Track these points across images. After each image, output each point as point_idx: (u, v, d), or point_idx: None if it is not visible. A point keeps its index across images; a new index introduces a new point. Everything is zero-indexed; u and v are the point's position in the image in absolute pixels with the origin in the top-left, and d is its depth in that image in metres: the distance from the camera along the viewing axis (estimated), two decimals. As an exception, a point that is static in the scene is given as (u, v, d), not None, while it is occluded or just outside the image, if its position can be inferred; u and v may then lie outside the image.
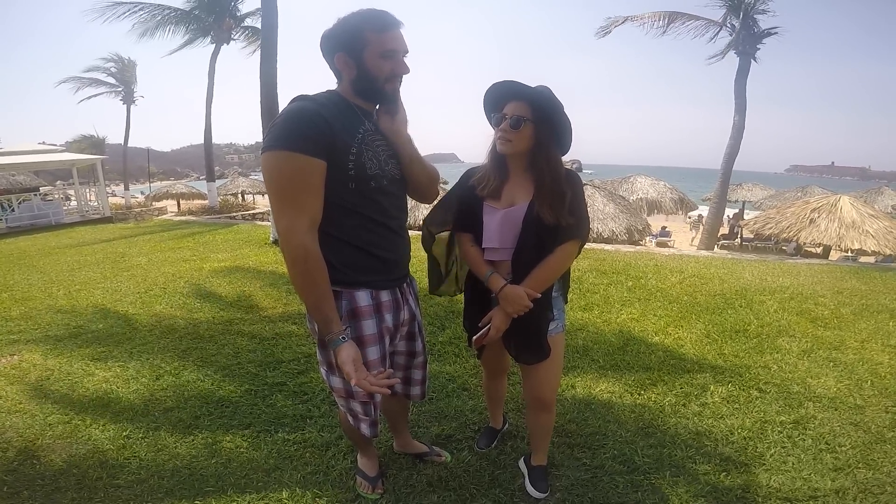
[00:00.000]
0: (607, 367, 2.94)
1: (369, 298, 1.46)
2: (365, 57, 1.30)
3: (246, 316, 3.85)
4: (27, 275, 5.64)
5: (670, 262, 5.90)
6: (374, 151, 1.37)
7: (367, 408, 1.58)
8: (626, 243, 9.52)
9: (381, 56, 1.31)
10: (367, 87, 1.35)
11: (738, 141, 12.17)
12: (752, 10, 11.71)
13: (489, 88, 1.56)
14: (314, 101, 1.31)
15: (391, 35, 1.31)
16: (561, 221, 1.49)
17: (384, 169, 1.40)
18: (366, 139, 1.36)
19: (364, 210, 1.39)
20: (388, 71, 1.33)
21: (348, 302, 1.44)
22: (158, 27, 15.18)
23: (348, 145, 1.31)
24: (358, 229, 1.40)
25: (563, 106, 1.49)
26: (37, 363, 3.03)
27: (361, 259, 1.43)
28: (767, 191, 17.93)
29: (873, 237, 7.94)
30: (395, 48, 1.32)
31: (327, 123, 1.27)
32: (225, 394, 2.62)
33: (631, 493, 1.88)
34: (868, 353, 3.15)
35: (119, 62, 23.21)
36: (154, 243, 7.68)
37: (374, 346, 1.49)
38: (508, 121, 1.49)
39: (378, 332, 1.49)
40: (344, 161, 1.31)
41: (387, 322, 1.51)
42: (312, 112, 1.27)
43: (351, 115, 1.35)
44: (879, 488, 1.91)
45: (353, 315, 1.44)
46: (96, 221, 11.98)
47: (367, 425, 1.61)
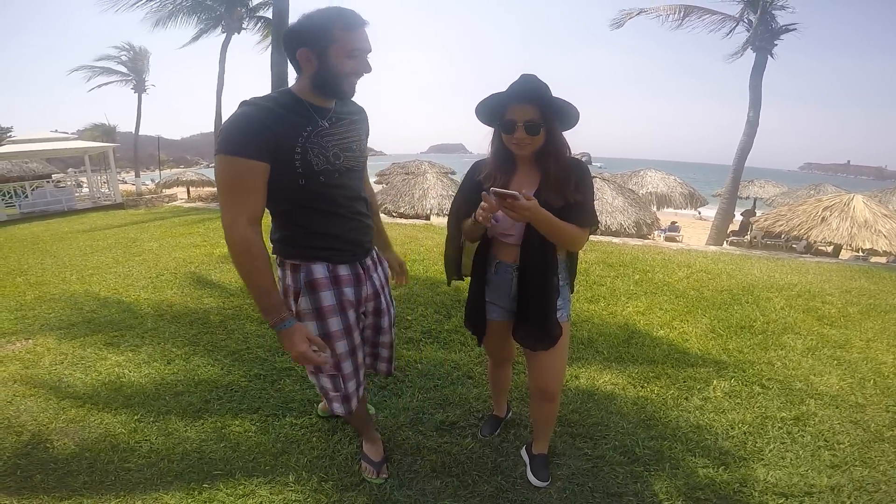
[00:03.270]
0: (611, 358, 2.96)
1: (325, 271, 1.55)
2: (330, 53, 1.34)
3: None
4: (41, 259, 5.74)
5: (678, 256, 5.88)
6: (321, 147, 1.42)
7: (335, 381, 1.67)
8: (633, 237, 9.48)
9: (347, 55, 1.35)
10: (326, 82, 1.39)
11: (751, 137, 12.00)
12: (770, 5, 11.48)
13: (482, 102, 1.54)
14: (256, 106, 1.34)
15: (358, 34, 1.35)
16: (569, 198, 1.50)
17: (333, 163, 1.45)
18: (312, 137, 1.40)
19: (316, 204, 1.48)
20: (351, 69, 1.37)
21: (306, 274, 1.54)
22: (171, 17, 15.24)
23: (292, 145, 1.37)
24: (312, 218, 1.50)
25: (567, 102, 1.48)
26: (50, 347, 3.10)
27: (317, 240, 1.52)
28: (779, 188, 17.69)
29: (885, 237, 7.83)
30: (361, 47, 1.37)
31: (267, 128, 1.32)
32: (234, 378, 2.67)
33: (630, 484, 1.91)
34: (873, 353, 3.14)
35: (131, 51, 23.34)
36: (165, 229, 7.77)
37: (333, 317, 1.57)
38: (523, 127, 1.47)
39: (337, 304, 1.57)
40: (290, 160, 1.37)
41: (346, 295, 1.59)
42: (252, 117, 1.32)
43: (299, 114, 1.40)
44: (874, 486, 1.93)
45: (311, 287, 1.54)
46: (108, 208, 12.14)
47: (339, 402, 1.70)
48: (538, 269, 1.59)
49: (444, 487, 1.88)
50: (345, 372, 1.66)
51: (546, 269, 1.59)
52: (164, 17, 15.23)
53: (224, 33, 15.87)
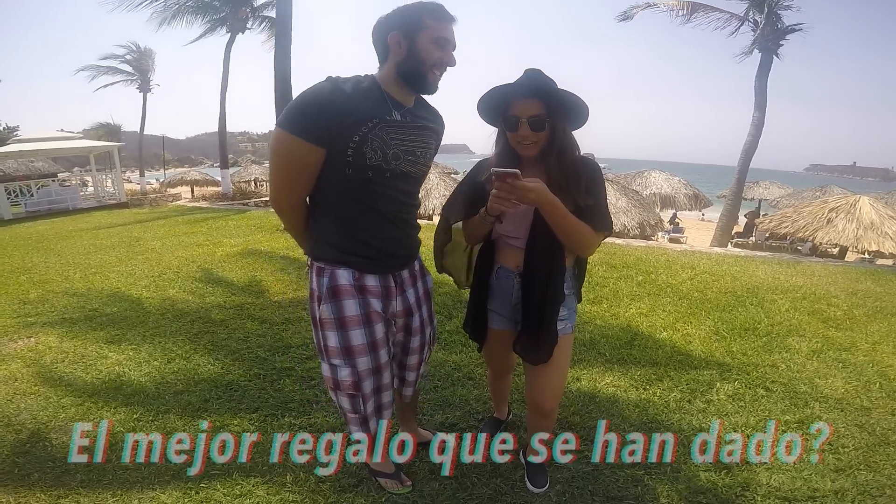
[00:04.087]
0: (614, 360, 2.94)
1: (350, 278, 1.46)
2: (418, 39, 1.34)
3: (256, 301, 3.91)
4: (45, 257, 5.77)
5: (682, 258, 5.84)
6: (382, 142, 1.36)
7: (355, 402, 1.57)
8: (637, 238, 9.44)
9: (434, 42, 1.35)
10: (412, 69, 1.37)
11: (756, 138, 11.94)
12: (776, 5, 11.43)
13: (484, 97, 1.47)
14: (334, 85, 1.33)
15: (446, 25, 1.37)
16: (578, 201, 1.40)
17: (389, 162, 1.38)
18: (376, 129, 1.34)
19: (358, 195, 1.41)
20: (437, 58, 1.36)
21: (329, 279, 1.46)
22: (176, 17, 15.31)
23: (352, 132, 1.32)
24: (348, 211, 1.43)
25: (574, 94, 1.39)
26: (52, 345, 3.11)
27: (346, 240, 1.45)
28: (785, 189, 17.59)
29: (892, 239, 7.77)
30: (448, 38, 1.37)
31: (335, 109, 1.29)
32: (234, 378, 2.67)
33: (631, 488, 1.89)
34: (878, 356, 3.10)
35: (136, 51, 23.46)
36: (168, 228, 7.80)
37: (357, 329, 1.48)
38: (527, 123, 1.38)
39: (362, 315, 1.48)
40: (343, 148, 1.33)
41: (373, 307, 1.49)
42: (323, 97, 1.30)
43: (374, 102, 1.36)
44: (879, 491, 1.90)
45: (333, 293, 1.46)
46: (112, 207, 12.19)
47: (356, 425, 1.62)
48: (543, 275, 1.49)
49: (443, 489, 1.87)
50: (365, 392, 1.54)
51: (552, 275, 1.49)
52: (170, 17, 15.30)
53: (229, 33, 15.92)
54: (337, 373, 1.52)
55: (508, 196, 1.31)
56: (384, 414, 1.66)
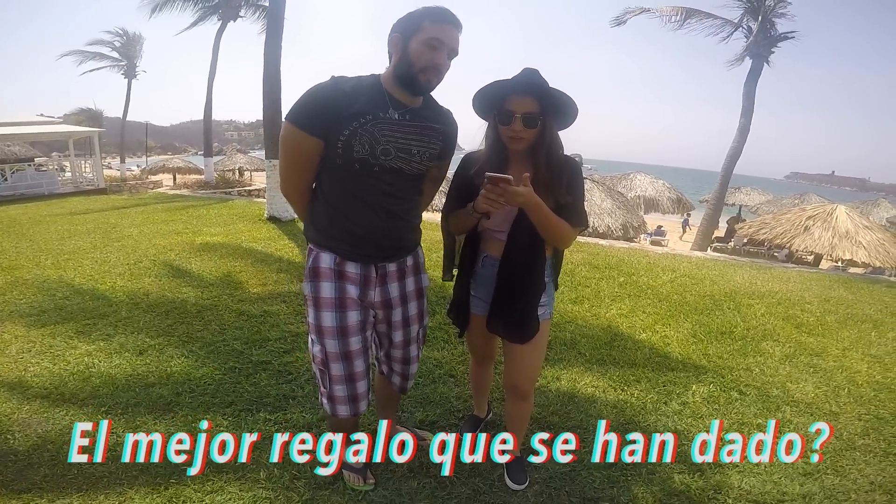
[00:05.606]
0: (593, 361, 2.95)
1: (332, 262, 1.54)
2: (412, 41, 1.39)
3: (234, 292, 3.83)
4: (16, 243, 5.58)
5: (663, 260, 5.91)
6: (371, 138, 1.41)
7: (322, 377, 1.62)
8: (620, 239, 9.54)
9: (426, 43, 1.38)
10: (403, 71, 1.42)
11: (741, 144, 12.12)
12: (770, 12, 11.57)
13: (482, 90, 1.51)
14: (335, 83, 1.42)
15: (443, 28, 1.39)
16: (559, 199, 1.49)
17: (377, 157, 1.43)
18: (368, 125, 1.40)
19: (346, 184, 1.49)
20: (426, 60, 1.39)
21: (312, 259, 1.56)
22: (167, 3, 14.99)
23: (343, 126, 1.40)
24: (336, 199, 1.51)
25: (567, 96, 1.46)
26: (19, 335, 3.00)
27: (332, 225, 1.53)
28: (765, 196, 17.97)
29: (865, 248, 7.99)
30: (441, 39, 1.39)
31: (332, 104, 1.39)
32: (208, 371, 2.61)
33: (607, 489, 1.90)
34: (848, 361, 3.18)
35: (124, 36, 22.95)
36: (147, 215, 7.61)
37: (329, 311, 1.53)
38: (521, 119, 1.44)
39: (336, 299, 1.53)
40: (334, 140, 1.42)
41: (349, 293, 1.55)
42: (323, 93, 1.41)
43: (372, 100, 1.43)
44: (844, 495, 1.95)
45: (313, 274, 1.55)
46: (90, 192, 11.89)
47: (325, 398, 1.65)
48: (524, 265, 1.58)
49: (421, 488, 1.85)
50: (332, 373, 1.58)
51: (532, 265, 1.58)
52: (162, 3, 14.97)
53: (220, 21, 15.63)
54: (313, 347, 1.61)
55: (498, 198, 1.37)
56: (360, 405, 1.65)
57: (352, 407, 1.63)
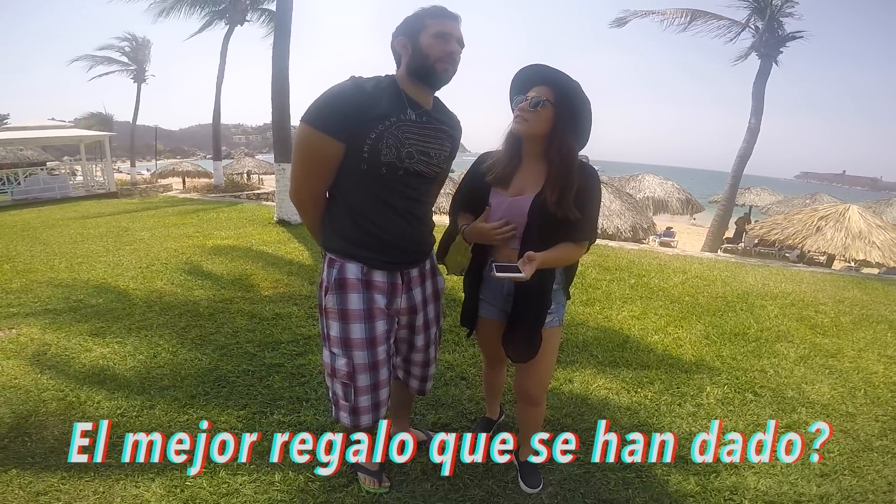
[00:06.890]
0: (606, 363, 2.94)
1: (359, 272, 1.50)
2: (420, 37, 1.40)
3: (246, 295, 3.86)
4: (30, 246, 5.66)
5: (673, 262, 5.88)
6: (397, 141, 1.41)
7: (346, 391, 1.58)
8: (630, 241, 9.49)
9: (435, 36, 1.39)
10: (420, 65, 1.42)
11: (751, 144, 11.99)
12: (777, 12, 11.46)
13: (518, 73, 1.56)
14: (355, 83, 1.40)
15: (445, 21, 1.42)
16: (569, 214, 1.46)
17: (403, 160, 1.43)
18: (394, 127, 1.40)
19: (371, 188, 1.46)
20: (440, 50, 1.40)
21: (338, 271, 1.51)
22: (174, 8, 15.14)
23: (369, 129, 1.38)
24: (361, 204, 1.47)
25: (588, 101, 1.48)
26: (34, 337, 3.03)
27: (357, 232, 1.49)
28: (775, 196, 17.78)
29: (879, 248, 7.87)
30: (448, 31, 1.41)
31: (356, 106, 1.36)
32: (222, 373, 2.62)
33: (622, 490, 1.89)
34: (864, 363, 3.14)
35: (133, 41, 23.23)
36: (158, 219, 7.69)
37: (358, 323, 1.51)
38: (529, 101, 1.48)
39: (365, 310, 1.51)
40: (360, 144, 1.39)
41: (378, 303, 1.52)
42: (346, 94, 1.37)
43: (392, 101, 1.42)
44: (862, 496, 1.93)
45: (340, 285, 1.50)
46: (101, 196, 12.01)
47: (346, 412, 1.61)
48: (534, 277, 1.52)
49: (435, 490, 1.85)
50: (358, 384, 1.56)
51: (542, 276, 1.53)
52: (168, 8, 15.13)
53: (227, 25, 15.75)
54: (335, 361, 1.56)
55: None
56: (381, 412, 1.65)
57: (374, 414, 1.63)
